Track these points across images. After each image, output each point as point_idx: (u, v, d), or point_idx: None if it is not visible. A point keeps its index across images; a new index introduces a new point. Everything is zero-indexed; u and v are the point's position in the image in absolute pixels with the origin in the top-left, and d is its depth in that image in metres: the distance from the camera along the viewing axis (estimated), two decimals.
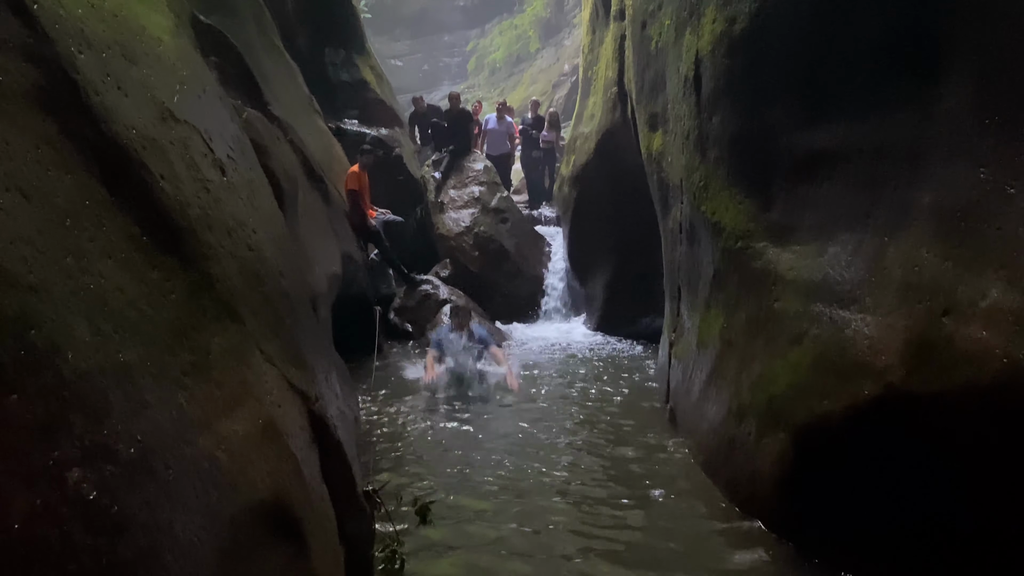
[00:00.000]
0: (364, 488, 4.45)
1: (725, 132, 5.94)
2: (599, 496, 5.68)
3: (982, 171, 3.62)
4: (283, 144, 7.09)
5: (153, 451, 2.19)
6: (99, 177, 2.47)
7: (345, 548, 3.65)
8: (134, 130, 2.72)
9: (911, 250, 4.05)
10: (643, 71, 8.69)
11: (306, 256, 6.44)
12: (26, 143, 2.18)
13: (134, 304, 2.41)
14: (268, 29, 10.83)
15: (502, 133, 16.80)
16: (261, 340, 3.31)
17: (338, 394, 4.88)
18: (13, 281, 1.90)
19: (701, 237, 6.55)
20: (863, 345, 4.22)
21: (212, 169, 3.39)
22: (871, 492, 4.23)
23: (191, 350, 2.67)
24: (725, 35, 5.71)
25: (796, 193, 5.17)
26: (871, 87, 4.43)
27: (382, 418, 7.90)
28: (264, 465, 2.87)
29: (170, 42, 3.70)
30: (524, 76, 33.30)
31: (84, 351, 2.05)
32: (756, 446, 5.10)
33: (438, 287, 12.70)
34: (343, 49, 15.12)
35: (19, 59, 2.28)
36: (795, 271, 5.01)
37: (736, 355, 5.69)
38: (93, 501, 1.89)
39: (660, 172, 8.03)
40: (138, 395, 2.23)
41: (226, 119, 4.20)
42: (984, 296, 3.53)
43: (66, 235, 2.20)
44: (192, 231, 2.92)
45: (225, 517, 2.48)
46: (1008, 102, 3.49)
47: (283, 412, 3.25)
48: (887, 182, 4.31)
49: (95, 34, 2.76)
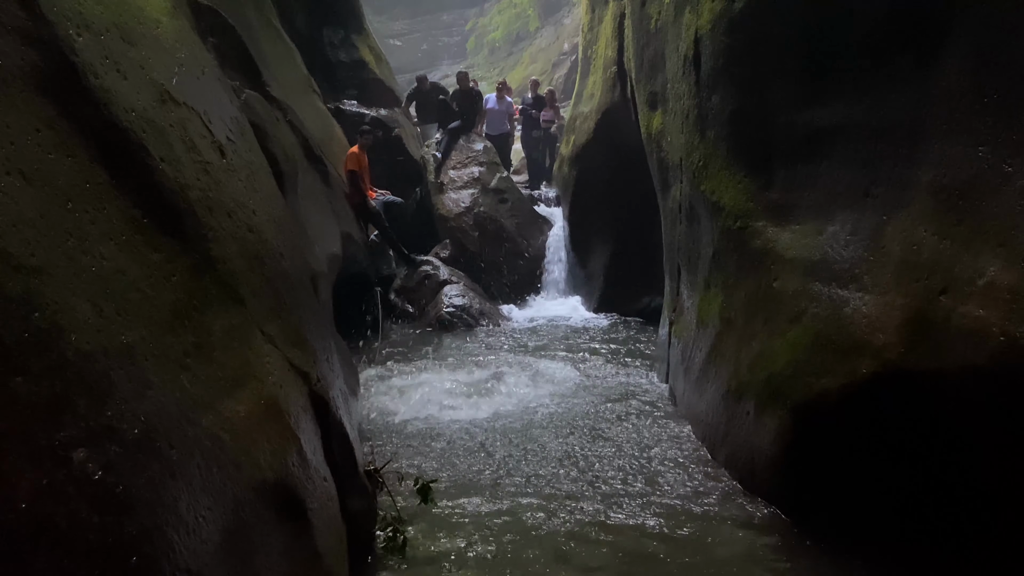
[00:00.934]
0: (366, 467, 4.49)
1: (724, 111, 5.93)
2: (600, 472, 5.72)
3: (980, 149, 3.62)
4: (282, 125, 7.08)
5: (157, 431, 2.22)
6: (99, 159, 2.49)
7: (347, 526, 3.69)
8: (133, 112, 2.72)
9: (910, 228, 4.06)
10: (642, 50, 8.65)
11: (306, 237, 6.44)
12: (26, 126, 2.19)
13: (136, 286, 2.43)
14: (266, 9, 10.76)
15: (502, 113, 16.73)
16: (262, 321, 3.33)
17: (339, 374, 4.90)
18: (16, 263, 1.92)
19: (701, 216, 6.56)
20: (861, 323, 4.24)
21: (212, 151, 3.39)
22: (869, 468, 4.26)
23: (193, 331, 2.69)
24: (724, 13, 5.69)
25: (795, 172, 5.17)
26: (870, 65, 4.42)
27: (383, 398, 7.93)
28: (267, 445, 2.90)
29: (168, 23, 3.70)
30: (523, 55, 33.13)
31: (87, 332, 2.08)
32: (755, 423, 5.13)
33: (438, 268, 12.71)
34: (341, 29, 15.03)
35: (18, 42, 2.29)
36: (794, 250, 5.02)
37: (735, 334, 5.71)
38: (99, 480, 1.92)
39: (660, 151, 8.02)
40: (141, 376, 2.25)
41: (225, 101, 4.20)
42: (982, 274, 3.54)
43: (68, 217, 2.22)
44: (192, 213, 2.93)
45: (229, 496, 2.51)
46: (1006, 81, 3.49)
47: (285, 392, 3.28)
48: (886, 160, 4.31)
49: (93, 16, 2.76)
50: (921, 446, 3.96)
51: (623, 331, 11.42)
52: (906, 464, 4.06)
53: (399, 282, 12.48)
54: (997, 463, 3.62)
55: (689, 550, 4.57)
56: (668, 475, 5.68)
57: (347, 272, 9.56)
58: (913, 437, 3.99)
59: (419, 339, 11.04)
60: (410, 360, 9.60)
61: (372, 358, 9.26)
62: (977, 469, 3.72)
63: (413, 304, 12.25)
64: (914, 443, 3.99)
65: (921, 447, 3.96)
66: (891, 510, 4.17)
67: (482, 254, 13.45)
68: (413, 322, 11.92)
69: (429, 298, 12.15)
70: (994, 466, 3.64)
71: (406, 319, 12.02)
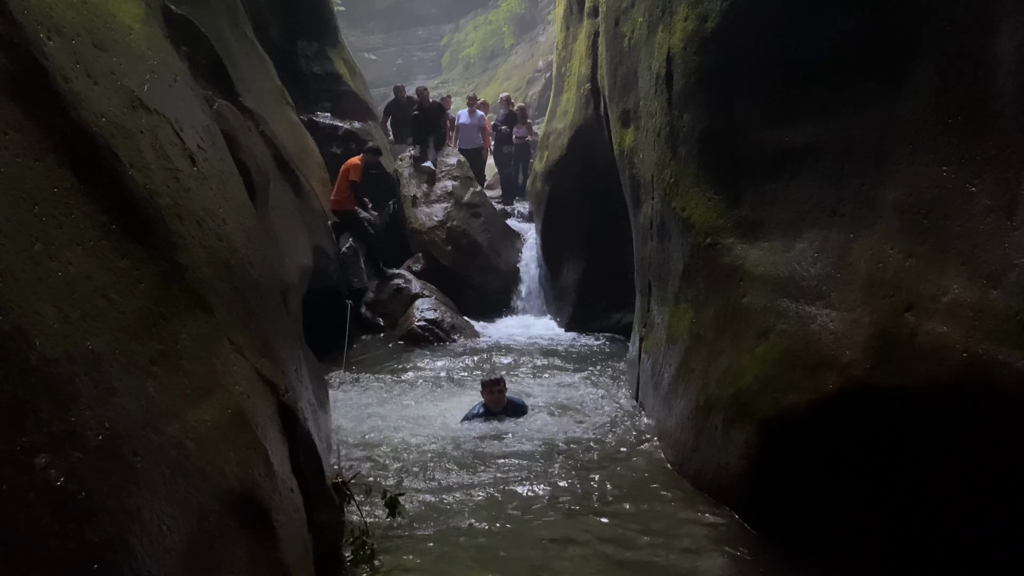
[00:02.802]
0: (334, 479, 4.46)
1: (695, 129, 6.00)
2: (567, 486, 5.72)
3: (945, 169, 3.69)
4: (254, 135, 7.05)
5: (121, 438, 2.19)
6: (68, 164, 2.46)
7: (314, 538, 3.66)
8: (103, 118, 2.71)
9: (876, 246, 4.12)
10: (616, 68, 8.73)
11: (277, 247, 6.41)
12: None
13: (102, 292, 2.41)
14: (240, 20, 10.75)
15: (473, 127, 16.81)
16: (230, 330, 3.31)
17: (308, 386, 4.87)
18: None
19: (671, 233, 6.61)
20: (828, 340, 4.29)
21: (182, 159, 3.37)
22: (835, 483, 4.29)
23: (160, 339, 2.67)
24: (697, 33, 5.77)
25: (764, 190, 5.23)
26: (838, 86, 4.49)
27: (353, 411, 7.89)
28: (233, 454, 2.88)
29: (140, 30, 3.68)
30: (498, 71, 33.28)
31: (52, 338, 2.05)
32: (723, 438, 5.17)
33: (410, 281, 12.70)
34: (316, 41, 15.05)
35: None
36: (762, 267, 5.07)
37: (704, 349, 5.75)
38: (60, 486, 1.90)
39: (632, 168, 8.08)
40: (106, 382, 2.23)
41: (197, 109, 4.18)
42: (946, 292, 3.60)
43: (34, 222, 2.19)
44: (161, 220, 2.91)
45: (193, 505, 2.49)
46: (968, 103, 3.56)
47: (252, 402, 3.25)
48: (853, 179, 4.38)
49: (64, 20, 2.74)
50: (886, 461, 4.00)
51: (594, 347, 11.47)
52: (872, 479, 4.09)
53: (371, 295, 12.46)
54: (959, 478, 3.66)
55: (655, 564, 4.57)
56: (636, 490, 5.70)
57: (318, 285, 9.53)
58: (879, 453, 4.03)
59: (390, 353, 11.02)
60: (380, 374, 9.57)
61: (342, 371, 9.21)
62: (940, 484, 3.76)
63: (385, 318, 12.23)
64: (880, 458, 4.03)
65: (886, 462, 4.00)
66: (857, 525, 4.20)
67: (454, 268, 13.46)
68: (384, 336, 11.89)
69: (400, 312, 12.14)
70: (956, 481, 3.68)
71: (377, 332, 11.99)
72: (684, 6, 5.97)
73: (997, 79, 3.40)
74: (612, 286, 11.45)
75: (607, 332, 11.87)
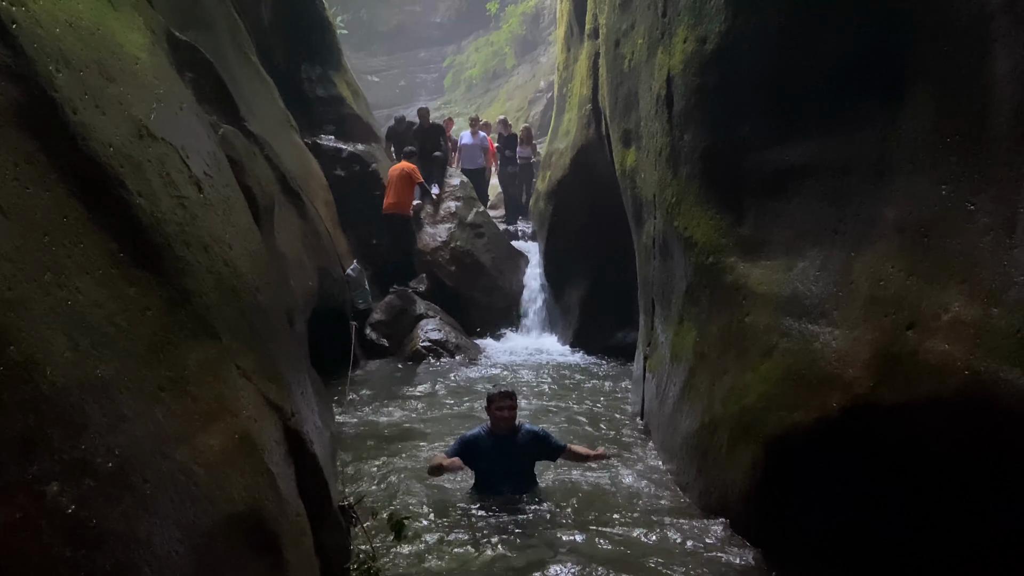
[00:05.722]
0: (340, 503, 4.46)
1: (696, 149, 6.03)
2: (573, 508, 5.71)
3: (943, 188, 3.71)
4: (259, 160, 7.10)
5: (131, 465, 2.22)
6: (77, 194, 2.50)
7: (321, 562, 3.67)
8: (111, 147, 2.74)
9: (877, 264, 4.13)
10: (616, 89, 8.79)
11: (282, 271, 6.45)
12: (5, 160, 2.21)
13: (111, 319, 2.43)
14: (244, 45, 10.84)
15: (476, 148, 16.90)
16: (237, 355, 3.33)
17: (314, 409, 4.89)
18: None
19: (674, 252, 6.63)
20: (831, 358, 4.29)
21: (189, 186, 3.41)
22: (842, 501, 4.29)
23: (168, 365, 2.69)
24: (696, 54, 5.81)
25: (766, 209, 5.25)
26: (838, 106, 4.53)
27: (358, 433, 7.90)
28: (240, 479, 2.89)
29: (147, 60, 3.73)
30: (500, 92, 33.42)
31: (62, 366, 2.08)
32: (728, 457, 5.16)
33: (414, 301, 12.73)
34: (319, 65, 15.13)
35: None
36: (765, 285, 5.09)
37: (708, 368, 5.76)
38: (72, 514, 1.92)
39: (634, 188, 8.12)
40: (115, 409, 2.25)
41: (203, 136, 4.22)
42: (947, 309, 3.62)
43: (44, 251, 2.22)
44: (169, 247, 2.94)
45: (202, 530, 2.50)
46: (966, 123, 3.59)
47: (259, 427, 3.27)
48: (853, 198, 4.40)
49: (73, 53, 2.78)
50: (892, 479, 4.00)
51: (598, 365, 11.47)
52: (878, 496, 4.09)
53: (376, 316, 12.48)
54: (964, 493, 3.66)
55: None
56: (639, 509, 5.69)
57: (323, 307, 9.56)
58: (884, 470, 4.03)
59: (395, 373, 11.03)
60: (385, 395, 9.57)
61: (347, 393, 9.21)
62: (945, 500, 3.76)
63: (389, 338, 12.24)
64: (885, 476, 4.03)
65: (892, 480, 4.00)
66: (864, 543, 4.20)
67: (458, 288, 13.49)
68: (389, 356, 11.90)
69: (405, 332, 12.16)
70: (961, 496, 3.68)
71: (382, 353, 12.00)
72: (683, 28, 6.02)
73: (993, 99, 3.43)
74: (615, 305, 11.47)
75: (611, 351, 11.87)
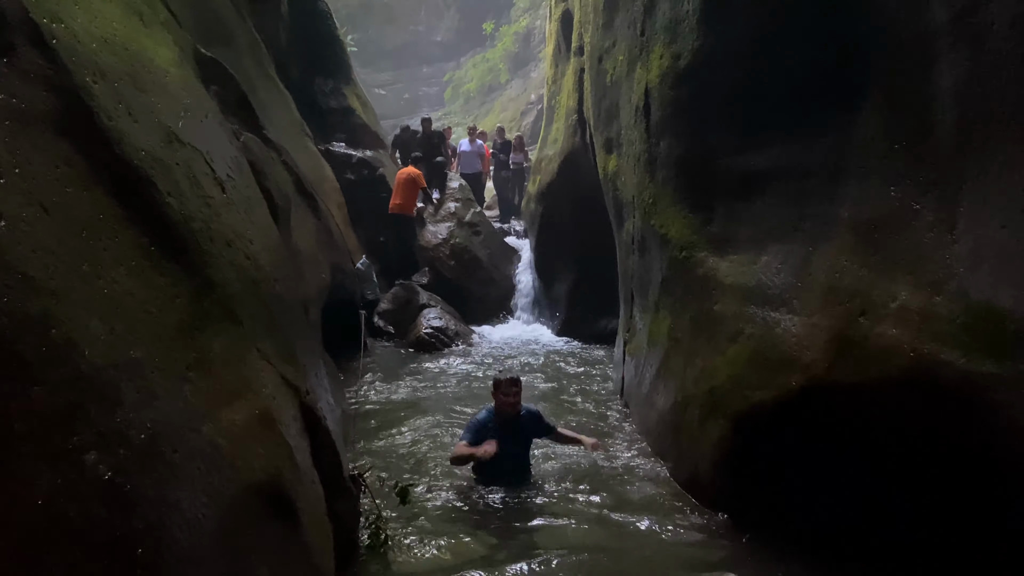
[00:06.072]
0: (350, 472, 4.47)
1: (671, 155, 6.04)
2: (561, 477, 5.72)
3: (892, 190, 3.73)
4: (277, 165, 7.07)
5: (161, 437, 2.22)
6: (112, 193, 2.50)
7: (334, 525, 3.67)
8: (143, 152, 2.74)
9: (833, 258, 4.15)
10: (600, 101, 8.79)
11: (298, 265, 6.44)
12: (47, 163, 2.21)
13: (144, 307, 2.44)
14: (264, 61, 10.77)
15: (474, 154, 16.90)
16: (258, 340, 3.33)
17: (327, 388, 4.89)
18: (36, 286, 1.93)
19: (651, 248, 6.64)
20: (791, 342, 4.32)
21: (213, 187, 3.40)
22: (801, 473, 4.31)
23: (195, 348, 2.70)
24: (671, 69, 5.82)
25: (734, 209, 5.27)
26: (798, 116, 4.54)
27: (367, 411, 7.90)
28: (261, 450, 2.90)
29: (175, 73, 3.72)
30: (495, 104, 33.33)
31: (99, 348, 2.08)
32: (699, 432, 5.18)
33: (418, 293, 12.73)
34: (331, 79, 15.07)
35: (40, 88, 2.31)
36: (732, 277, 5.10)
37: (682, 352, 5.78)
38: (108, 480, 1.93)
39: (615, 190, 8.12)
40: (147, 387, 2.26)
41: (226, 142, 4.21)
42: (895, 298, 3.64)
43: (83, 245, 2.23)
44: (195, 242, 2.94)
45: (226, 496, 2.51)
46: (913, 131, 3.61)
47: (278, 404, 3.28)
48: (812, 199, 4.42)
49: (108, 66, 2.78)
50: (846, 452, 4.02)
51: (583, 350, 11.48)
52: (833, 469, 4.11)
53: (383, 306, 12.47)
54: (911, 465, 3.69)
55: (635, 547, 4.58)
56: (619, 480, 5.71)
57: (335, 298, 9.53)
58: (839, 444, 4.05)
59: (400, 358, 11.03)
60: (392, 376, 9.57)
61: (357, 375, 9.21)
62: (894, 472, 3.78)
63: (395, 326, 12.23)
64: (840, 449, 4.05)
65: (846, 453, 4.02)
66: (822, 513, 4.20)
67: (457, 281, 13.50)
68: (396, 342, 11.90)
69: (410, 321, 12.15)
70: (909, 468, 3.71)
71: (389, 339, 12.00)
72: (660, 45, 6.02)
73: (937, 110, 3.45)
74: (599, 296, 11.48)
75: (595, 338, 11.87)
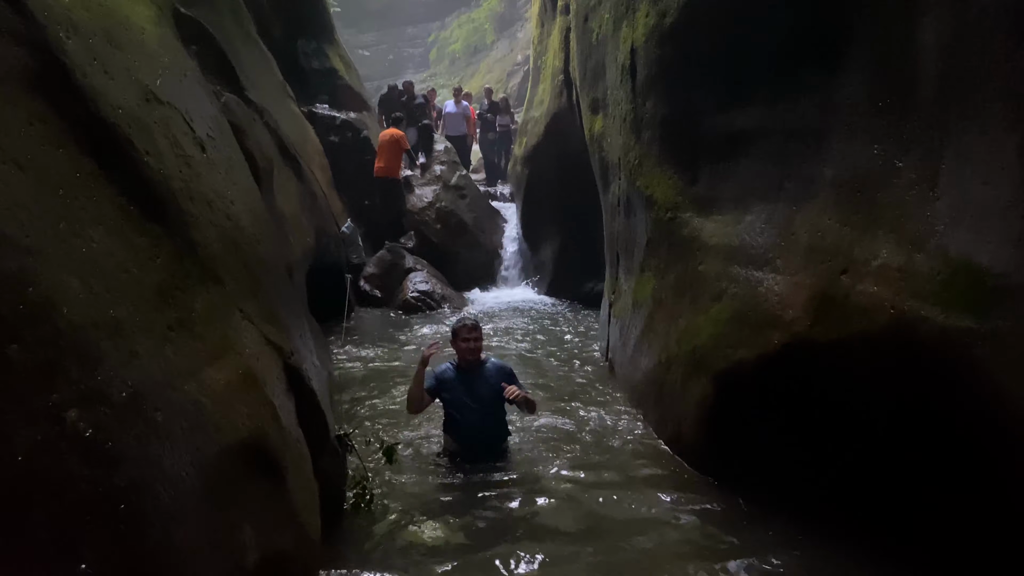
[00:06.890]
0: (336, 432, 4.49)
1: (657, 115, 6.01)
2: (547, 435, 5.78)
3: (875, 147, 3.73)
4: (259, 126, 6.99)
5: (143, 396, 2.22)
6: (88, 152, 2.46)
7: (320, 484, 3.70)
8: (120, 109, 2.69)
9: (815, 217, 4.16)
10: (586, 60, 8.71)
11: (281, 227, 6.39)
12: (20, 120, 2.17)
13: (123, 266, 2.42)
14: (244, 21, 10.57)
15: (459, 116, 16.76)
16: (240, 300, 3.32)
17: (312, 350, 4.88)
18: (11, 243, 1.91)
19: (636, 209, 6.64)
20: (773, 301, 4.34)
21: (193, 146, 3.36)
22: (782, 431, 4.36)
23: (176, 308, 2.68)
24: (657, 28, 5.76)
25: (718, 169, 5.26)
26: (783, 75, 4.51)
27: (353, 374, 7.92)
28: (244, 409, 2.90)
29: (153, 31, 3.65)
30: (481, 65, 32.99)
31: (78, 307, 2.07)
32: (682, 390, 5.23)
33: (404, 256, 12.69)
34: (314, 40, 14.85)
35: (12, 43, 2.26)
36: (716, 238, 5.11)
37: (666, 312, 5.80)
38: (89, 437, 1.92)
39: (601, 151, 8.09)
40: (128, 346, 2.25)
41: (206, 102, 4.15)
42: (876, 256, 3.66)
43: (59, 203, 2.20)
44: (175, 201, 2.91)
45: (210, 454, 2.52)
46: (896, 89, 3.59)
47: (261, 364, 3.28)
48: (795, 158, 4.42)
49: (81, 21, 2.72)
50: (826, 409, 4.07)
51: (569, 312, 11.53)
52: (814, 427, 4.16)
53: (369, 270, 12.44)
54: (892, 422, 3.74)
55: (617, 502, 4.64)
56: (604, 437, 5.77)
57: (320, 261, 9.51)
58: (819, 401, 4.09)
59: (387, 321, 11.04)
60: (378, 339, 9.59)
61: (343, 338, 9.22)
62: (872, 424, 3.83)
63: (382, 290, 12.22)
64: (820, 406, 4.10)
65: (826, 410, 4.07)
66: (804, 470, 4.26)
67: (443, 245, 13.47)
68: (382, 306, 11.90)
69: (396, 284, 12.14)
70: (889, 425, 3.76)
71: (375, 303, 11.99)
72: (645, 3, 5.96)
73: (920, 68, 3.43)
74: (585, 258, 11.51)
75: (581, 299, 11.92)
